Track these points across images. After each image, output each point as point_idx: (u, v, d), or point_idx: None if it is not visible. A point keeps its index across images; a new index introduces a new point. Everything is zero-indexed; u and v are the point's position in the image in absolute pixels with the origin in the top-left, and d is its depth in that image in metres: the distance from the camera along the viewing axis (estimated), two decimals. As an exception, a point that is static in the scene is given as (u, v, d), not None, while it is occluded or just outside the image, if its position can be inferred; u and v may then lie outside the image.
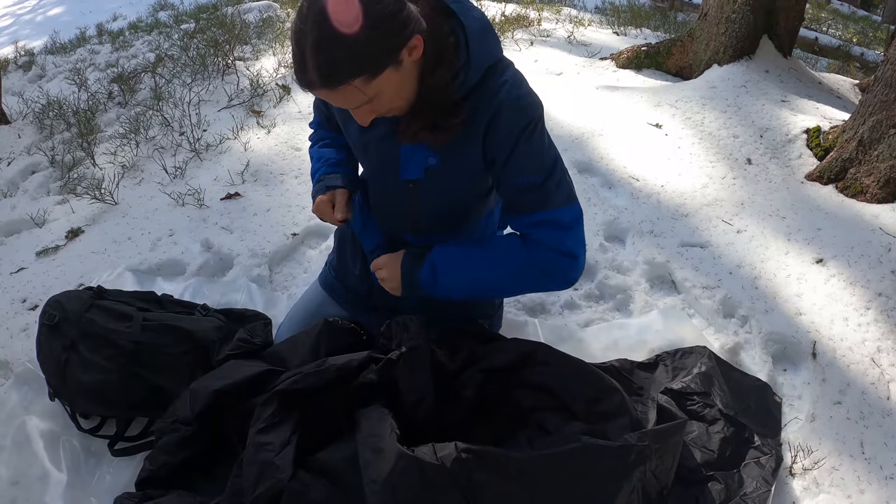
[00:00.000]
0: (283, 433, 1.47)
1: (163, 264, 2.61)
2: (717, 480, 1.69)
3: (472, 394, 1.65)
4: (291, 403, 1.53)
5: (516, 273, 1.58)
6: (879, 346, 2.16)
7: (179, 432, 1.62)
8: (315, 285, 2.04)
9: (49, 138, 3.99)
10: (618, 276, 2.53)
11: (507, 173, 1.49)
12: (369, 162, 1.67)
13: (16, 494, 1.77)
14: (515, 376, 1.66)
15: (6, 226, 3.08)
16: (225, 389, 1.64)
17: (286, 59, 4.66)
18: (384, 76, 1.26)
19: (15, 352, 2.24)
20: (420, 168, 1.53)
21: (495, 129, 1.43)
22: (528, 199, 1.50)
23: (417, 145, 1.49)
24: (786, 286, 2.44)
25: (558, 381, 1.63)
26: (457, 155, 1.50)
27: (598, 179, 3.15)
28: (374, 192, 1.76)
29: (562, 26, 5.73)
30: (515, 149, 1.44)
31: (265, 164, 3.28)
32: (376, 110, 1.35)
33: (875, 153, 2.84)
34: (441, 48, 1.35)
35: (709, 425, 1.81)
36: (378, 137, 1.55)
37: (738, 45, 4.00)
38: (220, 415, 1.63)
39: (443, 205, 1.65)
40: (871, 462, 1.86)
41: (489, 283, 1.63)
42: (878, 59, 6.06)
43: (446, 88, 1.38)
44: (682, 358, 2.06)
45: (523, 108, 1.43)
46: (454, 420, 1.62)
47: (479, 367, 1.68)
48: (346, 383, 1.57)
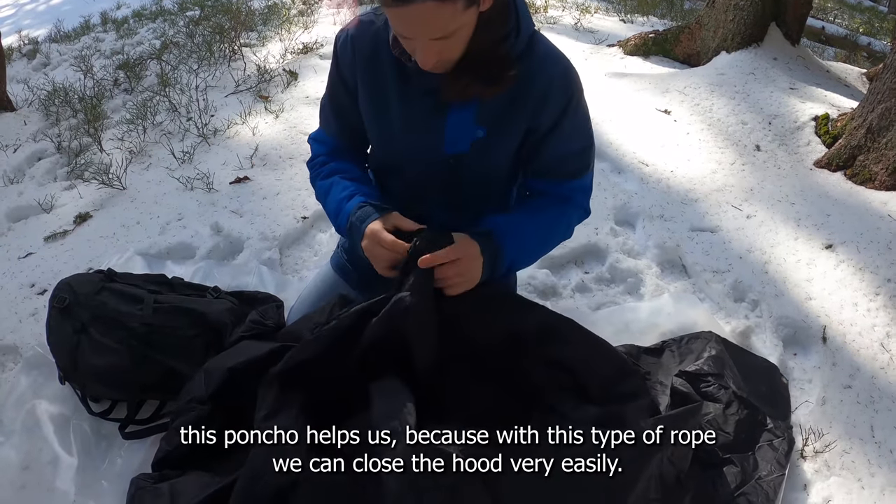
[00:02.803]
0: (290, 415, 1.44)
1: (172, 248, 2.60)
2: (733, 463, 1.68)
3: (487, 358, 1.59)
4: (293, 382, 1.49)
5: (557, 234, 1.65)
6: (889, 331, 2.16)
7: (195, 412, 1.60)
8: (326, 267, 2.03)
9: (55, 125, 3.98)
10: (629, 259, 2.52)
11: (553, 141, 1.52)
12: (408, 142, 1.59)
13: (26, 479, 1.77)
14: (535, 350, 1.61)
15: (14, 212, 3.08)
16: (240, 367, 1.62)
17: (292, 45, 4.65)
18: (469, 13, 1.28)
19: (24, 336, 2.24)
20: (467, 141, 1.52)
21: (547, 100, 1.46)
22: (573, 165, 1.57)
23: (464, 118, 1.49)
24: (795, 271, 2.44)
25: (578, 360, 1.60)
26: (504, 126, 1.51)
27: (608, 164, 3.15)
28: (408, 175, 1.67)
29: (568, 13, 5.70)
30: (564, 118, 1.49)
31: (274, 149, 3.28)
32: (441, 52, 1.33)
33: (884, 140, 2.84)
34: (501, 5, 1.38)
35: (724, 407, 1.81)
36: (422, 113, 1.52)
37: (746, 33, 3.99)
38: (235, 393, 1.62)
39: (486, 178, 1.64)
40: (881, 446, 1.86)
41: (539, 251, 1.67)
42: (885, 49, 6.04)
43: (502, 43, 1.40)
44: (689, 343, 2.05)
45: (571, 80, 1.49)
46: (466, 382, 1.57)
47: (499, 332, 1.60)
48: (347, 347, 1.50)
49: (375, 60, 1.51)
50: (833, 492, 1.75)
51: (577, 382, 1.58)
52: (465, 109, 1.49)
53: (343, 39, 1.55)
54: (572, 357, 1.60)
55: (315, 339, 1.52)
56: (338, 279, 1.98)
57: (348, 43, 1.53)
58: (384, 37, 1.48)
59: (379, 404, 1.40)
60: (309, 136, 1.78)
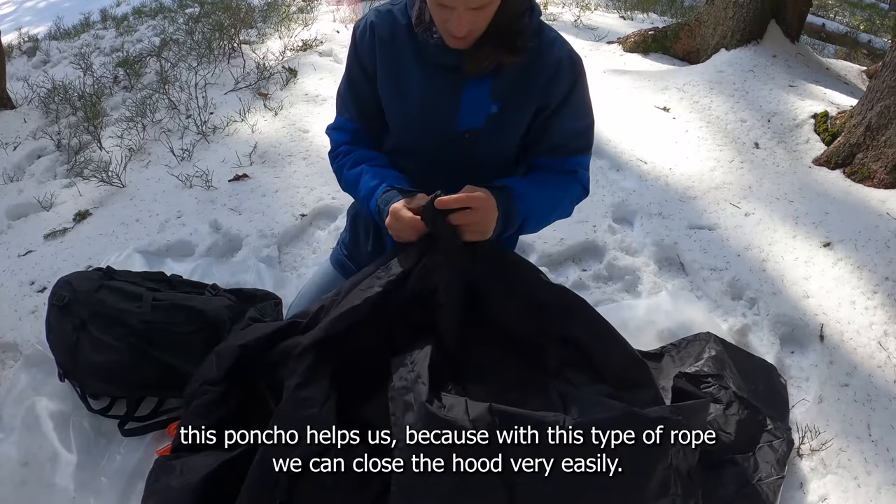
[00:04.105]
0: (323, 386, 1.43)
1: (171, 245, 2.61)
2: (735, 464, 1.68)
3: (507, 327, 1.60)
4: (327, 353, 1.48)
5: (563, 204, 1.71)
6: (886, 329, 2.17)
7: (209, 394, 1.59)
8: (326, 264, 2.03)
9: (55, 123, 3.98)
10: (626, 257, 2.53)
11: (563, 117, 1.62)
12: (425, 119, 1.65)
13: (26, 475, 1.78)
14: (551, 324, 1.61)
15: (13, 209, 3.08)
16: (251, 344, 1.61)
17: (292, 42, 4.65)
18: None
19: (24, 334, 2.25)
20: (481, 116, 1.60)
21: (556, 78, 1.58)
22: (580, 141, 1.68)
23: (479, 93, 1.57)
24: (793, 269, 2.44)
25: (592, 341, 1.60)
26: (517, 102, 1.59)
27: (607, 162, 3.15)
28: (423, 153, 1.71)
29: (568, 10, 5.70)
30: (572, 95, 1.60)
31: (273, 146, 3.28)
32: (473, 22, 1.42)
33: (883, 138, 2.84)
34: None
35: (725, 407, 1.81)
36: (440, 89, 1.59)
37: (745, 30, 3.99)
38: (248, 370, 1.61)
39: (497, 156, 1.70)
40: (877, 444, 1.86)
41: (548, 216, 1.71)
42: (885, 47, 6.01)
43: (519, 20, 1.50)
44: (688, 346, 2.05)
45: (575, 61, 1.61)
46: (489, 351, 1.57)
47: (518, 301, 1.60)
48: (383, 311, 1.51)
49: (394, 44, 1.60)
50: (829, 490, 1.75)
51: (589, 362, 1.59)
52: (480, 85, 1.57)
53: (363, 27, 1.63)
54: (586, 338, 1.60)
55: (356, 304, 1.50)
56: (338, 276, 1.98)
57: (367, 29, 1.61)
58: (402, 23, 1.58)
59: (394, 377, 1.40)
60: (327, 128, 1.81)
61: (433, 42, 1.52)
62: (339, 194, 2.86)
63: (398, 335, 1.52)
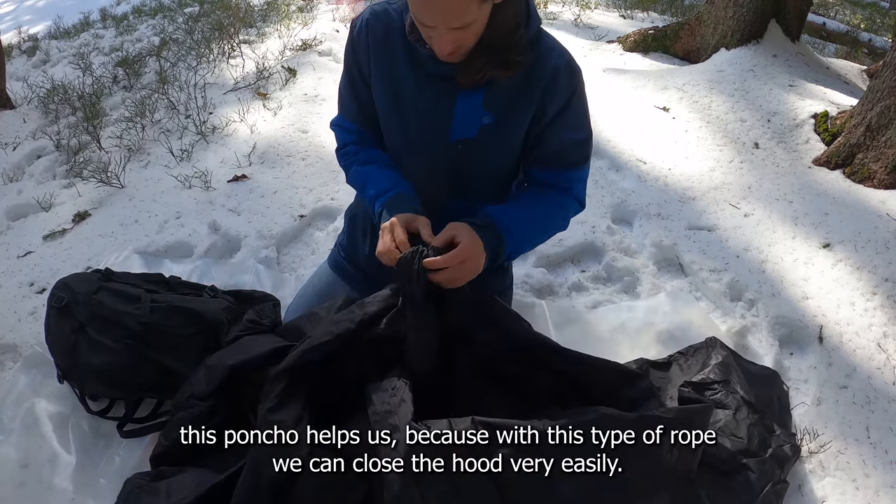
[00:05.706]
0: (295, 409, 1.45)
1: (170, 246, 2.61)
2: (750, 469, 1.65)
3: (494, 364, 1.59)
4: (300, 377, 1.50)
5: (554, 225, 1.70)
6: (885, 331, 2.16)
7: (195, 408, 1.61)
8: (324, 266, 2.04)
9: (54, 123, 3.98)
10: (625, 258, 2.52)
11: (557, 129, 1.60)
12: (418, 126, 1.64)
13: (25, 477, 1.78)
14: (541, 360, 1.60)
15: (12, 210, 3.08)
16: (240, 365, 1.63)
17: (291, 42, 4.64)
18: (485, 7, 1.37)
19: (23, 335, 2.25)
20: (475, 126, 1.58)
21: (552, 89, 1.54)
22: (575, 154, 1.64)
23: (472, 104, 1.55)
24: (793, 270, 2.44)
25: (581, 373, 1.59)
26: (512, 113, 1.57)
27: (606, 162, 3.15)
28: (416, 161, 1.70)
29: (568, 9, 5.69)
30: (568, 107, 1.57)
31: (272, 147, 3.28)
32: (457, 41, 1.40)
33: (883, 139, 2.83)
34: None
35: (734, 412, 1.78)
36: (433, 98, 1.57)
37: (745, 29, 3.98)
38: (235, 390, 1.62)
39: (491, 165, 1.69)
40: (876, 446, 1.86)
41: (538, 240, 1.72)
42: (886, 46, 6.00)
43: (513, 33, 1.47)
44: (695, 354, 2.03)
45: (574, 71, 1.57)
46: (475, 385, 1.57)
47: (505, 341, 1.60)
48: (355, 346, 1.52)
49: (388, 46, 1.58)
50: (828, 492, 1.75)
51: (581, 389, 1.59)
52: (472, 95, 1.55)
53: (359, 25, 1.61)
54: (574, 372, 1.60)
55: (326, 339, 1.52)
56: (335, 278, 1.99)
57: (363, 28, 1.60)
58: (397, 24, 1.56)
59: (376, 400, 1.41)
60: (331, 122, 1.82)
61: (426, 52, 1.51)
62: (337, 195, 2.86)
63: (369, 367, 1.52)
